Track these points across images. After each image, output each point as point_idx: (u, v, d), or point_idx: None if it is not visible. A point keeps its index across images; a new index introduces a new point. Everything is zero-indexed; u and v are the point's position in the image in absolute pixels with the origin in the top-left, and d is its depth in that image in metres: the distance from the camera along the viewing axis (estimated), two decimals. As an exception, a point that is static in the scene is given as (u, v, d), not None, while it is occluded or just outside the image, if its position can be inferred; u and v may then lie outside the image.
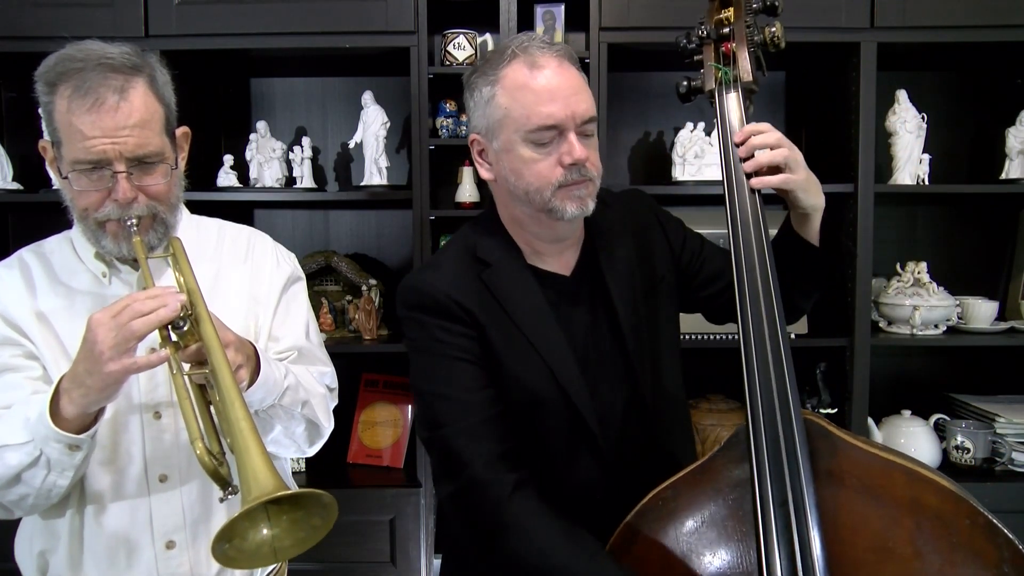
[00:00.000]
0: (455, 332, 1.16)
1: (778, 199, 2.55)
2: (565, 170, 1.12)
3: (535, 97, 1.11)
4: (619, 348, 1.22)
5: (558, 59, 1.13)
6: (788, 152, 1.13)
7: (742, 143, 1.14)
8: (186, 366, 1.05)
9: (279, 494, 0.88)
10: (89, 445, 1.07)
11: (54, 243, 1.26)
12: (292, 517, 0.94)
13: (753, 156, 1.13)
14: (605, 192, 1.19)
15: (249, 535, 0.93)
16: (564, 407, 1.17)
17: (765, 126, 1.15)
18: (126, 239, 1.13)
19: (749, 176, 1.13)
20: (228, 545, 0.91)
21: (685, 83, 1.25)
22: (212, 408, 1.06)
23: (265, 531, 0.93)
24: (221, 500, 1.02)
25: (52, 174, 1.18)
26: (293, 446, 1.30)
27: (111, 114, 1.08)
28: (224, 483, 1.00)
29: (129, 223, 1.11)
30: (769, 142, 1.12)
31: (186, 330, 1.04)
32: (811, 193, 1.16)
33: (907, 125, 2.32)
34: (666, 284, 1.30)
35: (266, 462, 0.92)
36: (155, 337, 1.04)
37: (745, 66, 1.18)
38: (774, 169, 1.13)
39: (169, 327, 1.03)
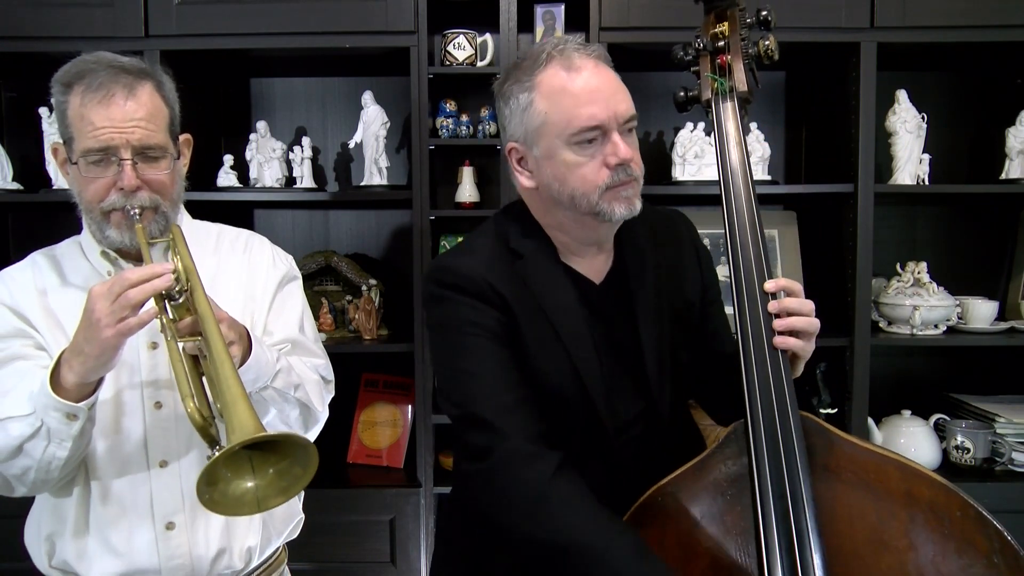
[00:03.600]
0: (487, 314, 1.15)
1: (773, 199, 2.54)
2: (611, 171, 1.11)
3: (575, 100, 1.10)
4: (640, 364, 1.21)
5: (594, 60, 1.13)
6: (817, 323, 1.11)
7: (774, 293, 1.11)
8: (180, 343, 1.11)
9: (258, 436, 0.93)
10: (85, 415, 1.11)
11: (65, 246, 1.34)
12: (277, 468, 0.99)
13: (785, 315, 1.10)
14: (648, 208, 1.18)
15: (233, 483, 0.98)
16: (583, 407, 1.17)
17: (796, 286, 1.13)
18: (129, 228, 1.20)
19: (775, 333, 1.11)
20: (213, 489, 0.96)
21: (682, 93, 1.27)
22: (204, 379, 1.11)
23: (249, 482, 0.99)
24: (209, 458, 1.03)
25: (63, 175, 1.25)
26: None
27: (120, 107, 1.17)
28: (212, 441, 1.05)
29: (132, 212, 1.19)
30: (804, 310, 1.10)
31: (181, 303, 1.11)
32: (810, 355, 1.15)
33: (907, 125, 2.32)
34: (693, 312, 1.29)
35: (250, 412, 0.96)
36: (154, 325, 1.10)
37: (740, 77, 1.21)
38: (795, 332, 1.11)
39: (166, 301, 1.11)
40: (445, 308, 1.17)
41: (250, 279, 1.36)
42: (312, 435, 1.36)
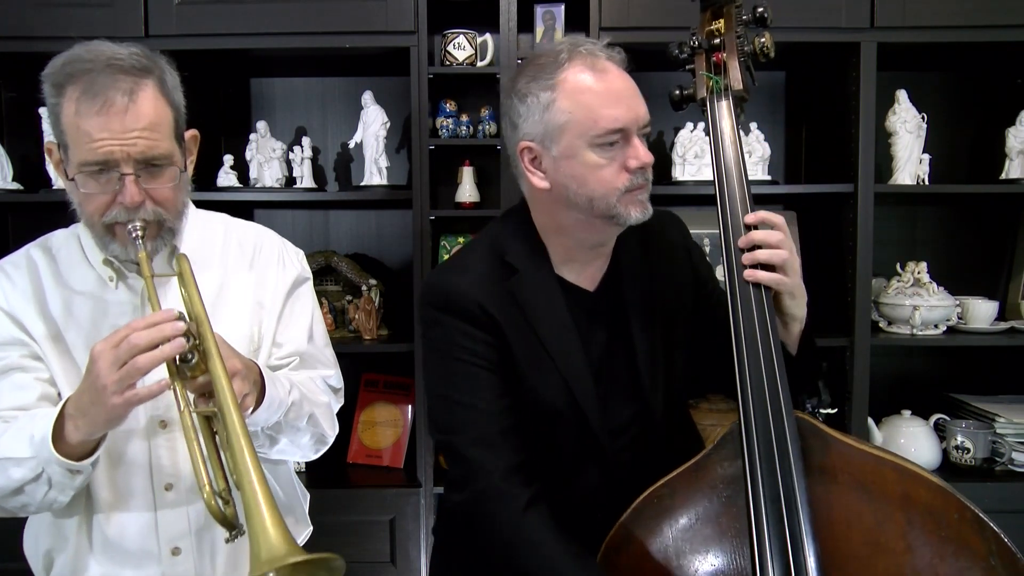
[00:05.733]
0: (477, 339, 1.15)
1: (773, 199, 2.54)
2: (631, 175, 1.12)
3: (601, 101, 1.10)
4: (633, 368, 1.22)
5: (617, 63, 1.14)
6: (787, 256, 1.09)
7: (753, 226, 1.10)
8: (191, 395, 1.04)
9: (290, 560, 0.85)
10: (89, 471, 1.07)
11: (62, 238, 1.25)
12: (305, 570, 0.91)
13: (753, 249, 1.09)
14: None
15: None
16: (577, 421, 1.18)
17: (778, 219, 1.11)
18: (134, 244, 1.11)
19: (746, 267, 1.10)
20: None
21: (677, 92, 1.26)
22: (217, 438, 1.05)
23: None
24: (227, 541, 1.01)
25: (58, 176, 1.16)
26: (299, 453, 1.30)
27: (119, 116, 1.05)
28: (231, 526, 0.99)
29: (135, 235, 1.09)
30: (771, 240, 1.08)
31: (194, 363, 1.03)
32: (797, 301, 1.12)
33: (907, 125, 2.32)
34: (686, 312, 1.29)
35: (276, 519, 0.90)
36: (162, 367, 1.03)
37: (735, 75, 1.19)
38: (769, 266, 1.09)
39: (177, 359, 1.02)
40: (437, 331, 1.18)
41: (259, 286, 1.29)
42: (319, 453, 1.33)
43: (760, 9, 1.18)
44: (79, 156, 1.07)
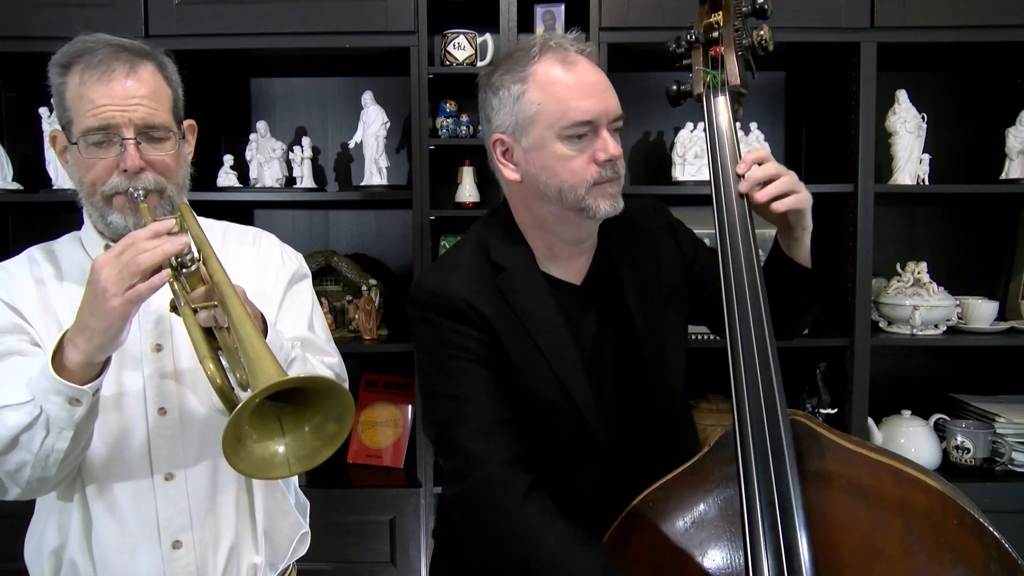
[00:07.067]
0: (469, 335, 1.15)
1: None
2: (599, 167, 1.13)
3: (570, 93, 1.11)
4: (627, 359, 1.22)
5: (587, 56, 1.15)
6: (790, 179, 1.13)
7: (743, 174, 1.14)
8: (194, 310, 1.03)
9: (286, 379, 0.86)
10: (89, 400, 1.03)
11: (63, 242, 1.27)
12: (312, 423, 0.93)
13: (761, 186, 1.13)
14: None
15: (260, 444, 0.91)
16: (571, 416, 1.17)
17: (764, 154, 1.14)
18: (133, 212, 1.13)
19: (748, 197, 1.14)
20: (240, 446, 0.88)
21: (675, 87, 1.25)
22: (220, 354, 1.03)
23: (280, 446, 0.93)
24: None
25: (60, 164, 1.18)
26: None
27: (121, 84, 1.12)
28: (233, 406, 0.97)
29: (136, 195, 1.12)
30: (769, 173, 1.12)
31: (194, 270, 1.04)
32: (808, 210, 1.16)
33: (907, 125, 2.32)
34: (678, 295, 1.29)
35: (277, 365, 0.90)
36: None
37: (733, 70, 1.18)
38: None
39: (179, 271, 1.03)
40: (427, 330, 1.18)
41: (259, 276, 1.30)
42: None
43: (760, 0, 1.17)
44: (82, 124, 1.12)
